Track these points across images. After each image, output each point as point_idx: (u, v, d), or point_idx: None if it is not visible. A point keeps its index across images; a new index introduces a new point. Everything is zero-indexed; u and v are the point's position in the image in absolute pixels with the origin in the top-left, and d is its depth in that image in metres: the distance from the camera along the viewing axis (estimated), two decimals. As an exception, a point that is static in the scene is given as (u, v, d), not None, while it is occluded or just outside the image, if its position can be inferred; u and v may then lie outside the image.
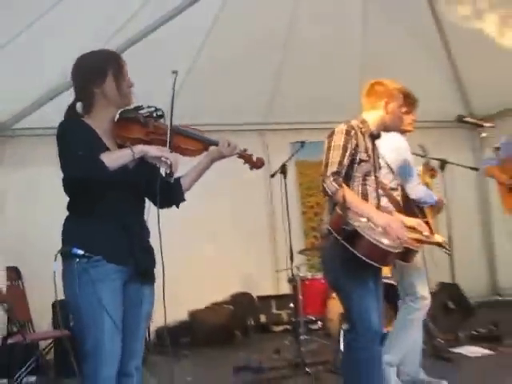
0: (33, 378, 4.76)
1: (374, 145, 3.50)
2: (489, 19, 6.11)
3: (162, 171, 2.60)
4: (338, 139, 3.40)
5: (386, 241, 3.22)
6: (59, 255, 2.47)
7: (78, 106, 2.63)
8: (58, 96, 5.20)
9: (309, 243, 7.24)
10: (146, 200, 2.74)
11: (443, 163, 4.96)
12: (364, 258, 3.16)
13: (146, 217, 2.71)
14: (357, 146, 3.39)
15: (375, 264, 3.24)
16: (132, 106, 2.63)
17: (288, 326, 6.85)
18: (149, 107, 2.61)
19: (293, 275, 5.56)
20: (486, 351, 5.19)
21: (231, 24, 5.83)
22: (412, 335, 4.01)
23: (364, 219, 3.25)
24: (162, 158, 2.48)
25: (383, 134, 3.64)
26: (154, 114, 2.61)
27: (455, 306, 5.54)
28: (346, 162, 3.33)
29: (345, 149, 3.35)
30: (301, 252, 6.44)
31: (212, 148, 2.75)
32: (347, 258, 3.22)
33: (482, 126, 4.61)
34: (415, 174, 4.06)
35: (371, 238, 3.14)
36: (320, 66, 6.48)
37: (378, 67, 6.25)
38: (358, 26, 6.49)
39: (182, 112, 2.72)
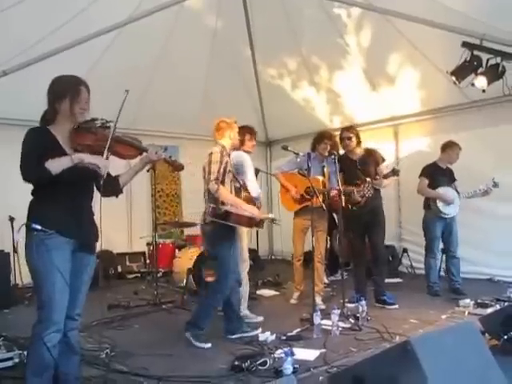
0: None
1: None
2: (286, 80, 7.86)
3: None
4: (216, 157, 4.13)
5: (246, 212, 4.11)
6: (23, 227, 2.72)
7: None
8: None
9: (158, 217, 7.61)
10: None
11: (257, 171, 5.75)
12: (235, 225, 4.06)
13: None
14: (226, 162, 4.15)
15: (242, 226, 4.21)
16: (89, 118, 2.81)
17: (138, 275, 7.73)
18: (101, 119, 2.80)
19: (155, 241, 6.32)
20: (273, 292, 6.54)
21: (116, 55, 6.38)
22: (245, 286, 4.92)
23: (228, 206, 4.03)
24: (94, 164, 2.71)
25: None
26: (104, 125, 2.78)
27: (254, 263, 6.47)
28: (221, 171, 4.08)
29: (220, 163, 4.10)
30: (160, 224, 7.26)
31: (144, 154, 2.96)
32: (221, 234, 4.12)
33: (287, 149, 5.05)
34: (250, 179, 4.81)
35: (237, 211, 4.05)
36: (174, 93, 7.42)
37: (214, 101, 7.71)
38: (203, 70, 7.58)
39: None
